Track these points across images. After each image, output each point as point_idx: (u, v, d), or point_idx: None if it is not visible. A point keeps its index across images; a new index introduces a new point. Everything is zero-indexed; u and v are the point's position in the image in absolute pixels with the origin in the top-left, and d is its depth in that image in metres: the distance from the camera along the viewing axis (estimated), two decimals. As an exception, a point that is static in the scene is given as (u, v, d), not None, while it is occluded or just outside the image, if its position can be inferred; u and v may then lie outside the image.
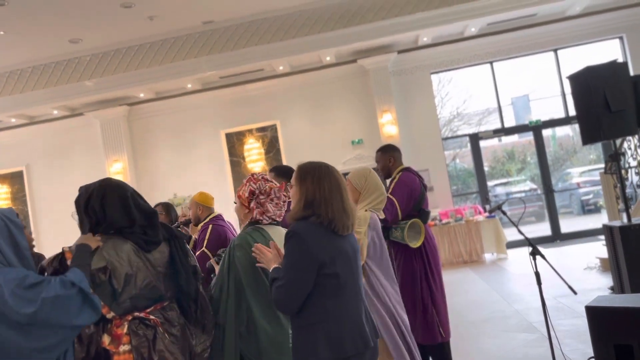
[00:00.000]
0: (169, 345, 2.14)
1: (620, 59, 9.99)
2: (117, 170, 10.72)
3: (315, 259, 2.10)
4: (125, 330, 2.06)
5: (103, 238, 2.15)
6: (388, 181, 4.36)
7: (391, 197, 4.02)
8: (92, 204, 2.18)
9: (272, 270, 2.24)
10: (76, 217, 2.29)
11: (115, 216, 2.18)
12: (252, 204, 2.66)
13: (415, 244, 3.98)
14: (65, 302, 1.86)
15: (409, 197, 4.04)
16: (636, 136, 6.41)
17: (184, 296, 2.28)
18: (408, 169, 4.28)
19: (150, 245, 2.21)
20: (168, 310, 2.22)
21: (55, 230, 10.73)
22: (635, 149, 6.61)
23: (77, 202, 2.23)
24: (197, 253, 4.00)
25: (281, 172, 4.10)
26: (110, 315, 2.06)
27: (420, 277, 4.03)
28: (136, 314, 2.11)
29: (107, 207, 2.18)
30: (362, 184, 3.25)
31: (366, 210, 3.16)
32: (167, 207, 5.12)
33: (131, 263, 2.12)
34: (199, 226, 4.27)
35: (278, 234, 2.61)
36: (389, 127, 10.10)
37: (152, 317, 2.14)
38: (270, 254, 2.29)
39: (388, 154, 4.34)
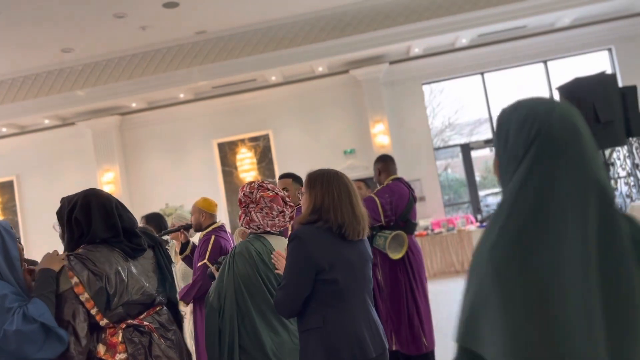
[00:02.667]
0: (165, 350, 2.13)
1: (609, 71, 10.11)
2: (109, 180, 10.68)
3: (314, 263, 2.11)
4: (120, 338, 2.05)
5: (89, 248, 2.13)
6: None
7: (373, 195, 4.08)
8: (76, 215, 2.17)
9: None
10: (58, 228, 2.28)
11: (99, 227, 2.16)
12: (241, 211, 2.66)
13: (396, 255, 4.00)
14: (25, 337, 1.86)
15: (392, 201, 4.10)
16: (625, 147, 6.47)
17: (170, 302, 2.29)
18: (399, 179, 4.36)
19: (136, 252, 2.21)
20: (161, 315, 2.22)
21: (46, 241, 10.63)
22: (624, 160, 6.67)
23: (60, 213, 2.22)
24: (199, 264, 3.94)
25: (294, 177, 4.21)
26: (103, 322, 2.04)
27: (405, 288, 4.05)
28: (129, 321, 2.10)
29: (92, 218, 2.16)
30: None
31: None
32: (151, 218, 5.06)
33: (121, 270, 2.11)
34: (202, 234, 4.18)
35: (280, 244, 2.60)
36: (381, 137, 10.14)
37: (146, 323, 2.13)
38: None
39: (376, 166, 4.46)
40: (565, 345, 1.03)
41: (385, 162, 4.44)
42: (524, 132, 1.17)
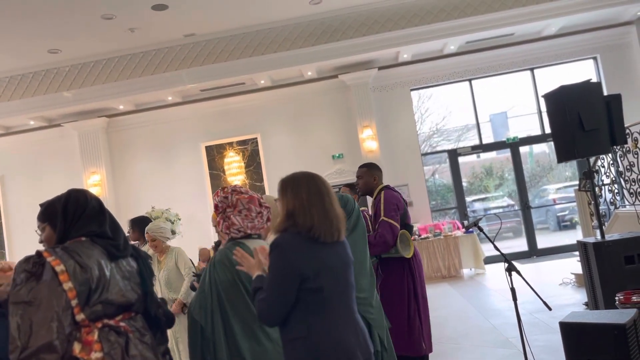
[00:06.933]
0: (143, 351, 2.09)
1: (595, 79, 10.24)
2: (95, 182, 10.59)
3: (298, 271, 2.06)
4: (95, 337, 2.02)
5: (74, 243, 2.08)
6: (369, 199, 4.49)
7: (387, 220, 4.08)
8: (72, 204, 2.14)
9: (255, 278, 2.19)
10: (39, 232, 2.24)
11: (92, 215, 2.15)
12: (218, 218, 2.63)
13: (409, 253, 4.08)
14: None
15: (397, 215, 4.15)
16: (609, 154, 6.55)
17: (147, 314, 2.25)
18: (388, 187, 4.37)
19: (119, 251, 2.17)
20: (136, 321, 2.18)
21: (31, 243, 10.50)
22: (609, 167, 6.75)
23: (49, 210, 2.18)
24: None
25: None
26: (80, 317, 2.00)
27: (408, 291, 4.09)
28: (106, 321, 2.06)
29: (87, 207, 2.15)
30: None
31: None
32: (137, 222, 5.07)
33: (104, 267, 2.07)
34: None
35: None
36: (369, 142, 10.17)
37: (122, 324, 2.10)
38: (253, 260, 2.24)
39: (373, 173, 4.42)
40: None
41: (379, 171, 4.49)
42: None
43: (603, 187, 7.05)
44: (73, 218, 2.14)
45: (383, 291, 4.14)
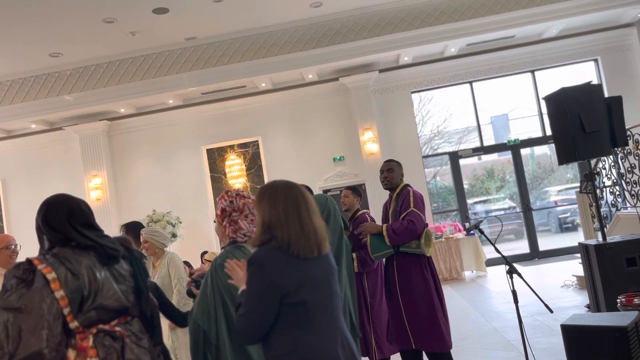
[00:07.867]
0: (140, 354, 2.05)
1: (595, 81, 10.24)
2: (96, 185, 10.60)
3: (277, 287, 1.96)
4: (90, 343, 1.98)
5: (64, 249, 2.06)
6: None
7: (416, 210, 4.17)
8: (44, 215, 2.12)
9: (240, 292, 2.09)
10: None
11: (78, 219, 2.12)
12: (224, 222, 2.60)
13: (429, 251, 4.13)
14: None
15: (424, 210, 4.26)
16: (610, 156, 6.54)
17: (143, 316, 2.23)
18: (410, 186, 4.43)
19: (110, 259, 2.14)
20: (132, 325, 2.16)
21: (32, 246, 10.50)
22: (610, 169, 6.74)
23: (37, 215, 2.18)
24: None
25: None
26: (73, 324, 1.98)
27: (431, 286, 4.12)
28: (101, 326, 2.04)
29: (72, 213, 2.11)
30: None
31: None
32: (131, 227, 5.04)
33: (97, 273, 2.04)
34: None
35: None
36: (370, 145, 10.17)
37: (117, 329, 2.08)
38: (243, 272, 2.14)
39: (401, 169, 4.56)
40: None
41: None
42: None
43: (604, 189, 7.04)
44: (56, 224, 2.11)
45: (403, 288, 4.13)
